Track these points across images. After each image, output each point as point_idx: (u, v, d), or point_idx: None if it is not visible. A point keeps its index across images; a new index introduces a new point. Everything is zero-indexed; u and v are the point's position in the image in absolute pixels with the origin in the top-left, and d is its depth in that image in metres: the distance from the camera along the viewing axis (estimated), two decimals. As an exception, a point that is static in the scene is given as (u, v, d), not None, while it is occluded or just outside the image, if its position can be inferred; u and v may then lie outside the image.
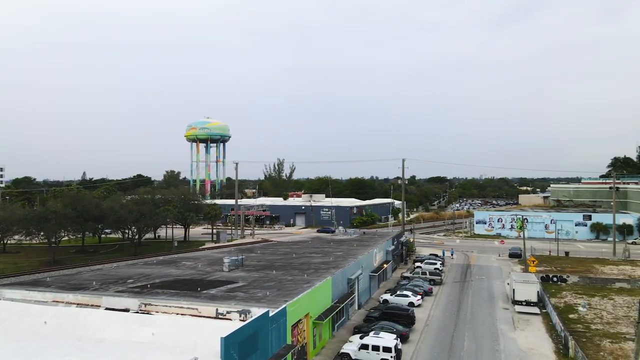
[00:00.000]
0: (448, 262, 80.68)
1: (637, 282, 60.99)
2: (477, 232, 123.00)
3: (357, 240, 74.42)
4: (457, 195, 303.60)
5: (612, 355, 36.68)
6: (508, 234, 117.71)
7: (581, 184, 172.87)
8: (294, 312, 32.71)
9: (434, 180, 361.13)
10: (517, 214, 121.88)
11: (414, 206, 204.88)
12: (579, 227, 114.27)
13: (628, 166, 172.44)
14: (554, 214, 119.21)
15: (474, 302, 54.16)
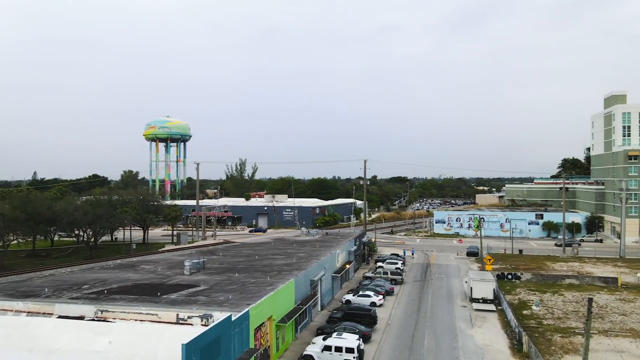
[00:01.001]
0: (409, 262, 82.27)
1: (585, 278, 64.19)
2: (437, 231, 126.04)
3: (320, 241, 74.69)
4: (418, 195, 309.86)
5: (562, 350, 38.45)
6: (466, 233, 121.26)
7: (534, 184, 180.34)
8: (257, 316, 32.49)
9: (395, 180, 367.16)
10: (475, 214, 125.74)
11: (376, 206, 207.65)
12: (531, 225, 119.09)
13: (576, 167, 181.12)
14: (508, 214, 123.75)
15: (433, 301, 55.47)
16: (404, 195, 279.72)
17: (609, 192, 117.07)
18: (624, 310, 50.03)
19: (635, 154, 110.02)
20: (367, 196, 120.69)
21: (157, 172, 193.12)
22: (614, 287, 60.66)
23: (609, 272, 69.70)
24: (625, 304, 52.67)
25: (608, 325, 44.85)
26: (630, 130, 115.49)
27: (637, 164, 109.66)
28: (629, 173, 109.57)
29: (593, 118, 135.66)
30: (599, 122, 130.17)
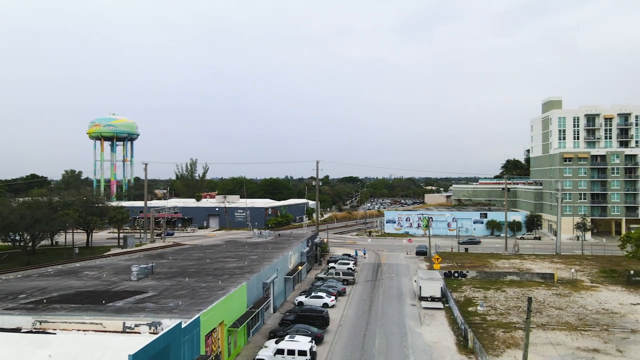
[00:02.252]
0: (360, 262, 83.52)
1: (525, 275, 67.66)
2: (387, 231, 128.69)
3: (272, 242, 74.36)
4: (369, 194, 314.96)
5: (504, 344, 40.37)
6: (415, 232, 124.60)
7: (478, 185, 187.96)
8: (208, 321, 31.93)
9: (346, 180, 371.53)
10: (423, 214, 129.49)
11: (328, 206, 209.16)
12: (476, 224, 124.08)
13: (517, 168, 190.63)
14: (455, 213, 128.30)
15: (384, 300, 56.62)
16: (356, 195, 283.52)
17: (547, 192, 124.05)
18: (560, 304, 53.18)
19: (569, 157, 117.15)
20: (319, 196, 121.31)
21: (102, 172, 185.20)
22: (551, 283, 64.33)
23: (546, 269, 73.86)
24: (561, 298, 56.01)
25: (545, 319, 47.53)
26: (565, 134, 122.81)
27: (571, 165, 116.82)
28: (564, 174, 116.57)
29: (532, 122, 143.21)
30: (537, 126, 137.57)
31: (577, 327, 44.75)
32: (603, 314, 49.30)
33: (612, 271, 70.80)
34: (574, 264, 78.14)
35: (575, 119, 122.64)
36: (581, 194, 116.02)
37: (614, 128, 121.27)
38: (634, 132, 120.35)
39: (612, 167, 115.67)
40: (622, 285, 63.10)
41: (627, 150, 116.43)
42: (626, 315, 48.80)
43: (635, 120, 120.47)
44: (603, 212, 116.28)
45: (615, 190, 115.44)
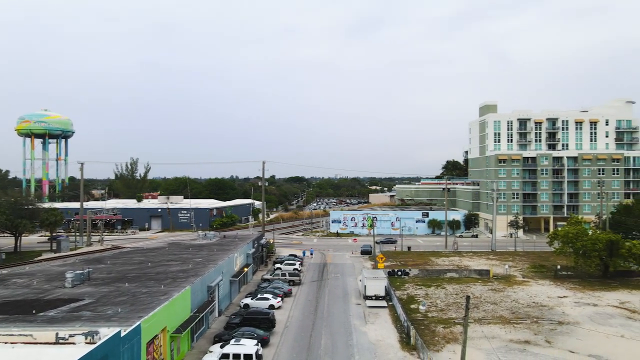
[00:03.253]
0: (307, 262, 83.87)
1: (463, 272, 70.77)
2: (333, 230, 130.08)
3: (217, 244, 73.06)
4: (315, 194, 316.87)
5: (444, 339, 42.06)
6: (360, 231, 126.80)
7: (420, 185, 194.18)
8: (150, 328, 30.90)
9: (293, 180, 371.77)
10: (368, 213, 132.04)
11: (274, 206, 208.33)
12: (418, 223, 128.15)
13: (457, 169, 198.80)
14: (398, 212, 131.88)
15: (330, 300, 57.22)
16: (302, 195, 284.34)
17: (483, 192, 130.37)
18: (495, 299, 56.13)
19: (504, 158, 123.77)
20: (265, 196, 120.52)
21: (33, 172, 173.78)
22: (487, 279, 67.73)
23: (483, 265, 77.61)
24: (496, 293, 59.11)
25: (482, 314, 50.00)
26: (500, 137, 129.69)
27: (505, 167, 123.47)
28: (499, 175, 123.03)
29: (470, 124, 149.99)
30: (475, 129, 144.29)
31: (510, 321, 47.43)
32: (533, 307, 52.55)
33: (542, 266, 75.64)
34: (507, 260, 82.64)
35: (509, 122, 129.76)
36: (514, 194, 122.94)
37: (543, 132, 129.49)
38: (561, 135, 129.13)
39: (542, 169, 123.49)
40: (550, 279, 67.53)
41: (554, 153, 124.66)
42: (554, 308, 52.29)
43: (562, 125, 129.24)
44: (533, 210, 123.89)
45: (544, 190, 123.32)
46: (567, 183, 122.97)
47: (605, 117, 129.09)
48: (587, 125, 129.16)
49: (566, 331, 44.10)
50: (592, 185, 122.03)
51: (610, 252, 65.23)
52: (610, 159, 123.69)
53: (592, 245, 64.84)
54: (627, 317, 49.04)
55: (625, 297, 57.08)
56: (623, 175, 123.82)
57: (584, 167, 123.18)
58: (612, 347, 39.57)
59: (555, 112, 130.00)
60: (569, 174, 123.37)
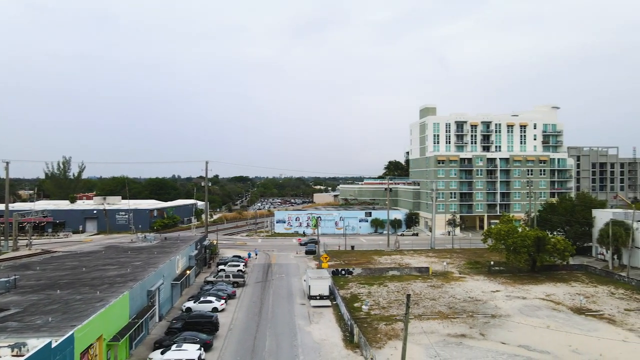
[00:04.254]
0: (251, 263, 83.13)
1: (404, 269, 72.99)
2: (278, 231, 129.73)
3: (158, 247, 70.71)
4: (259, 194, 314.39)
5: (386, 336, 43.24)
6: (305, 231, 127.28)
7: (363, 184, 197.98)
8: (84, 338, 29.45)
9: (236, 179, 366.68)
10: (312, 213, 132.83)
11: (217, 206, 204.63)
12: (362, 222, 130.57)
13: (398, 169, 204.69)
14: (342, 212, 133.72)
15: (274, 301, 57.10)
16: (246, 195, 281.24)
17: (423, 192, 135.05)
18: (434, 295, 58.39)
19: (442, 159, 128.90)
20: (208, 197, 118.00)
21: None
22: (427, 276, 70.30)
23: (422, 263, 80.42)
24: (435, 289, 61.51)
25: (422, 310, 51.87)
26: (439, 139, 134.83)
27: (444, 167, 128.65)
28: (438, 175, 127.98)
29: (411, 126, 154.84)
30: (415, 130, 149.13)
31: (448, 316, 49.54)
32: (469, 302, 55.20)
33: (477, 263, 79.56)
34: (445, 257, 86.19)
35: (447, 125, 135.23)
36: (452, 193, 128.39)
37: (478, 134, 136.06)
38: (494, 138, 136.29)
39: (477, 169, 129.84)
40: (484, 274, 71.19)
41: (488, 154, 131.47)
42: (487, 302, 55.21)
43: (495, 128, 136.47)
44: (470, 209, 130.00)
45: (479, 190, 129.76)
46: (500, 183, 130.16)
47: (534, 122, 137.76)
48: (518, 128, 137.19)
49: (499, 324, 46.72)
50: (521, 185, 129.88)
51: (537, 248, 69.77)
52: (538, 161, 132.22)
53: (521, 242, 69.09)
54: (552, 308, 52.69)
55: (550, 290, 61.30)
56: (549, 176, 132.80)
57: (515, 168, 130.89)
58: (539, 337, 42.40)
59: (489, 116, 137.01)
60: (502, 174, 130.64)
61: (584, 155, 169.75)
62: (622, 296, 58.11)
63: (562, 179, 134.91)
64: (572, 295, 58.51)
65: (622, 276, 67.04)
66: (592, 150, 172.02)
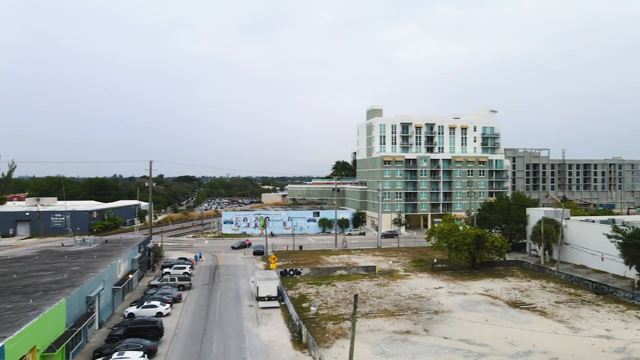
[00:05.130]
0: (197, 264, 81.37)
1: (351, 269, 74.13)
2: (225, 231, 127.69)
3: (98, 250, 67.56)
4: (206, 194, 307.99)
5: (334, 335, 43.80)
6: (253, 232, 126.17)
7: (311, 184, 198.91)
8: (16, 349, 27.71)
9: (182, 179, 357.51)
10: (260, 213, 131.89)
11: (162, 207, 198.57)
12: (310, 222, 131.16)
13: (346, 169, 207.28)
14: (290, 212, 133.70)
15: (222, 303, 56.24)
16: (192, 195, 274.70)
17: (370, 192, 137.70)
18: (380, 293, 59.76)
19: (389, 160, 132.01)
20: (153, 197, 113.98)
21: None
22: (373, 274, 71.78)
23: (369, 262, 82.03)
24: (381, 288, 62.95)
25: (368, 308, 52.94)
26: (385, 139, 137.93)
27: (390, 168, 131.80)
28: (384, 175, 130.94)
29: (358, 127, 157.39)
30: (362, 131, 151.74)
31: (393, 313, 50.89)
32: (414, 299, 56.97)
33: (421, 260, 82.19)
34: (391, 255, 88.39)
35: (393, 126, 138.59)
36: (397, 193, 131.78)
37: (422, 136, 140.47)
38: (437, 139, 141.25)
39: (421, 170, 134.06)
40: (428, 272, 73.70)
41: (432, 155, 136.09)
42: (431, 299, 57.23)
43: (438, 130, 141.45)
44: (414, 209, 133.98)
45: (423, 190, 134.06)
46: (443, 183, 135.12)
47: (474, 124, 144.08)
48: (459, 130, 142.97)
49: (441, 319, 48.57)
50: (462, 185, 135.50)
51: (477, 246, 73.14)
52: (477, 162, 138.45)
53: (462, 240, 72.18)
54: (490, 303, 55.45)
55: (488, 285, 64.47)
56: (487, 176, 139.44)
57: (456, 168, 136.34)
58: (478, 331, 44.51)
59: (432, 118, 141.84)
60: (444, 174, 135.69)
61: (519, 157, 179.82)
62: (552, 289, 62.12)
63: (500, 179, 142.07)
64: (508, 289, 61.83)
65: (552, 270, 71.63)
66: (526, 152, 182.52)
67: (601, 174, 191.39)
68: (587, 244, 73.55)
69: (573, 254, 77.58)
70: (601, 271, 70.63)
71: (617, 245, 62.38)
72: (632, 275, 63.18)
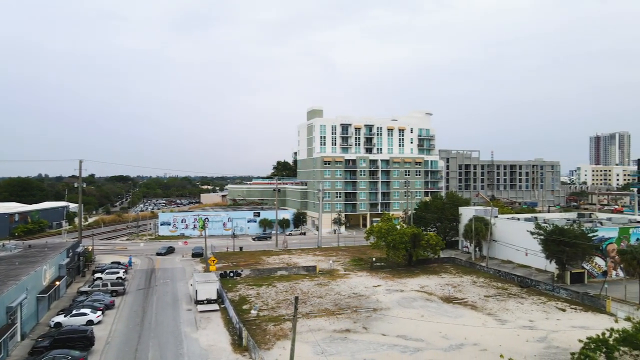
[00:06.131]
0: (132, 268, 78.09)
1: (292, 269, 74.27)
2: (162, 233, 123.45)
3: (20, 256, 62.93)
4: (142, 195, 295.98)
5: (275, 337, 43.69)
6: (191, 233, 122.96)
7: (252, 184, 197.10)
8: None
9: (116, 179, 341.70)
10: (199, 214, 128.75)
11: (94, 208, 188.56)
12: (250, 223, 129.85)
13: (287, 169, 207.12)
14: (230, 213, 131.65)
15: (158, 308, 54.35)
16: (127, 195, 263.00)
17: (311, 192, 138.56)
18: (320, 293, 60.36)
19: (329, 160, 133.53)
20: (83, 198, 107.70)
21: None
22: (314, 274, 72.34)
23: (310, 261, 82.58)
24: (322, 287, 63.59)
25: (309, 308, 53.31)
26: (325, 140, 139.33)
27: (330, 168, 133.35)
28: (325, 175, 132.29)
29: (299, 127, 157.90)
30: (303, 131, 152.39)
31: (334, 312, 51.60)
32: (353, 298, 58.07)
33: (360, 259, 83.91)
34: (332, 255, 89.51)
35: (333, 127, 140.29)
36: (337, 193, 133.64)
37: (362, 137, 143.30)
38: (376, 140, 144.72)
39: (360, 170, 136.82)
40: (367, 270, 75.38)
41: (371, 156, 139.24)
42: (369, 297, 58.60)
43: (377, 131, 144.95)
44: (354, 208, 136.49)
45: (363, 190, 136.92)
46: (381, 183, 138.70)
47: (410, 126, 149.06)
48: (397, 132, 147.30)
49: (379, 317, 49.89)
50: (400, 185, 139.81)
51: (413, 244, 75.84)
52: (414, 162, 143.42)
53: (399, 239, 74.55)
54: (425, 299, 57.71)
55: (424, 282, 67.05)
56: (423, 177, 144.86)
57: (394, 169, 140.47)
58: (415, 327, 46.20)
59: (371, 119, 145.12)
60: (382, 175, 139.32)
61: (452, 158, 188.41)
62: (482, 284, 65.71)
63: (435, 180, 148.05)
64: (442, 285, 64.65)
65: (482, 266, 75.74)
66: (459, 153, 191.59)
67: (525, 174, 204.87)
68: (513, 241, 78.49)
69: (501, 250, 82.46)
70: (526, 265, 75.62)
71: (539, 241, 67.10)
72: (552, 268, 68.23)
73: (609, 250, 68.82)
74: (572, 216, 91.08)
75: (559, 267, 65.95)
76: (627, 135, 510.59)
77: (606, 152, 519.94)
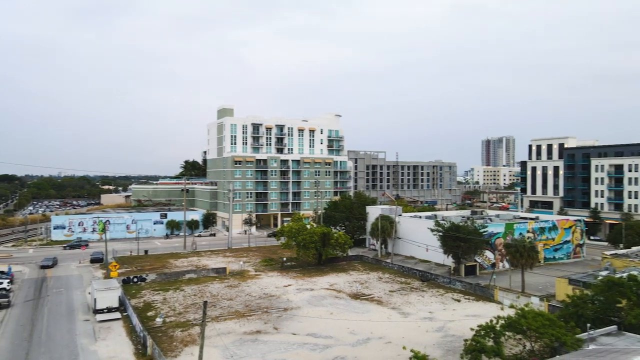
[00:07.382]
0: (19, 278, 70.83)
1: (201, 271, 72.24)
2: (56, 238, 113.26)
3: None
4: (31, 196, 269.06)
5: (182, 343, 42.23)
6: (90, 237, 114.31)
7: (159, 184, 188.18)
8: None
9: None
10: (99, 216, 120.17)
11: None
12: (156, 225, 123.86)
13: (196, 169, 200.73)
14: (134, 214, 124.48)
15: (50, 321, 49.93)
16: (13, 197, 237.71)
17: (221, 192, 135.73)
18: (231, 295, 59.45)
19: (239, 160, 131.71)
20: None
21: None
22: (224, 276, 71.02)
23: (220, 263, 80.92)
24: (232, 289, 62.66)
25: (219, 311, 52.28)
26: (236, 140, 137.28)
27: (241, 168, 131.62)
28: (235, 175, 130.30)
29: (209, 126, 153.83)
30: (213, 130, 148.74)
31: (244, 314, 51.12)
32: (264, 298, 57.97)
33: (271, 259, 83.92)
34: (242, 256, 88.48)
35: (244, 126, 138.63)
36: (248, 193, 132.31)
37: (273, 137, 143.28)
38: (287, 141, 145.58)
39: (272, 170, 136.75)
40: (278, 270, 75.63)
41: (282, 156, 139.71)
42: (280, 297, 58.90)
43: (288, 131, 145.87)
44: (265, 208, 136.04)
45: (274, 190, 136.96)
46: (292, 183, 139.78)
47: (321, 127, 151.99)
48: (307, 133, 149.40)
49: (290, 316, 50.36)
50: (310, 185, 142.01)
51: (323, 243, 77.54)
52: (324, 163, 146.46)
53: (310, 238, 75.80)
54: (335, 296, 59.31)
55: (333, 280, 68.86)
56: (333, 177, 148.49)
57: (305, 169, 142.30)
58: (324, 324, 47.32)
59: (282, 120, 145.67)
60: (293, 175, 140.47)
61: (360, 158, 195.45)
62: (387, 280, 69.06)
63: (344, 179, 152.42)
64: (351, 283, 66.89)
65: (387, 263, 79.58)
66: (366, 154, 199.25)
67: (427, 174, 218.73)
68: (415, 238, 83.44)
69: (405, 246, 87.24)
70: (427, 261, 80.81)
71: (438, 237, 72.11)
72: (449, 262, 73.69)
73: (497, 244, 75.93)
74: (466, 214, 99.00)
75: (455, 261, 71.40)
76: (512, 140, 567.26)
77: (495, 155, 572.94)
